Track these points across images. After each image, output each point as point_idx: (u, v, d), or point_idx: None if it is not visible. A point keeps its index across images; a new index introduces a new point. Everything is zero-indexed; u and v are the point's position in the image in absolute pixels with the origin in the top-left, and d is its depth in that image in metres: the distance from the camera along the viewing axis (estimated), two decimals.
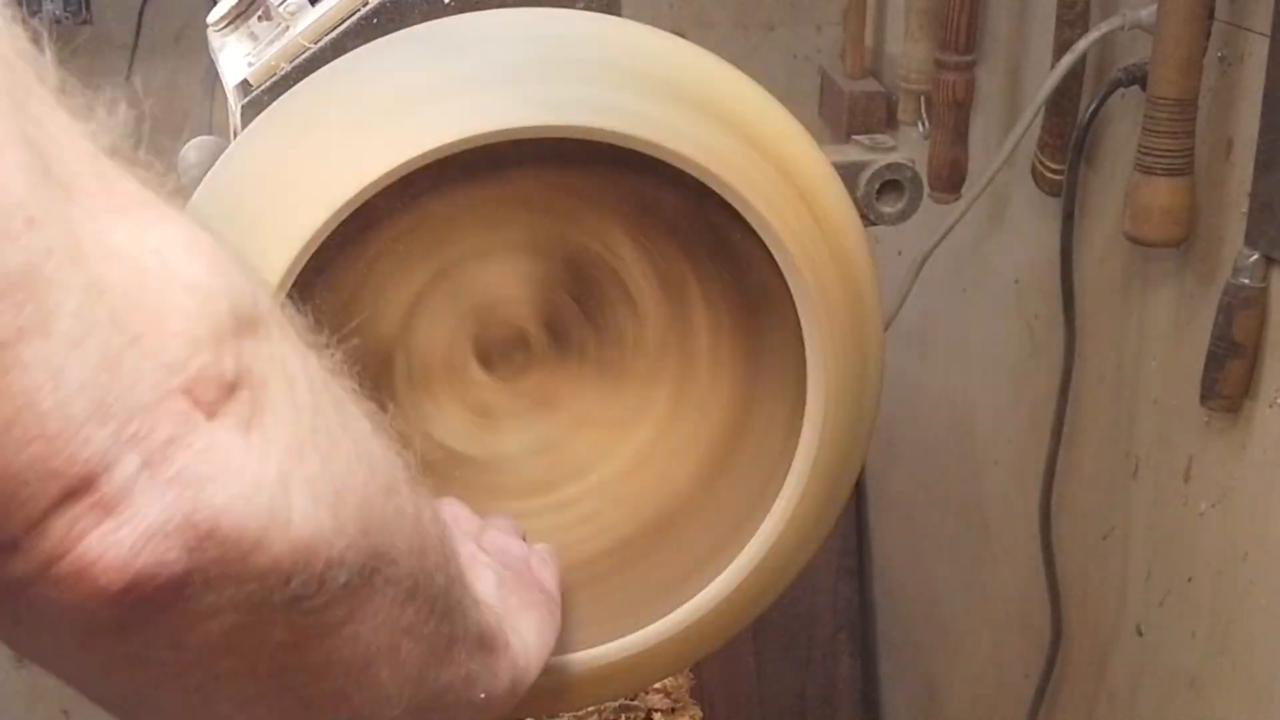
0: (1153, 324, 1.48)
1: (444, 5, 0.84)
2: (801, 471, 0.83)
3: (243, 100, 0.85)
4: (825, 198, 0.83)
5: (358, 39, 0.83)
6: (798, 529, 0.85)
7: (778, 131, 0.84)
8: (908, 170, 0.97)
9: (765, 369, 0.86)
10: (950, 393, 2.03)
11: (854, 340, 0.83)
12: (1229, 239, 1.32)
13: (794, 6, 2.21)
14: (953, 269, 1.92)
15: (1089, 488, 1.64)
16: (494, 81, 0.77)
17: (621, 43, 0.83)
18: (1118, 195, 1.46)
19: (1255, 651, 1.34)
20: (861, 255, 0.85)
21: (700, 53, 0.85)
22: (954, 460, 2.03)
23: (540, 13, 0.85)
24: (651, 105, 0.78)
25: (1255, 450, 1.31)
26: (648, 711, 1.09)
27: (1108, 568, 1.61)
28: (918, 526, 2.20)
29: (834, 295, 0.81)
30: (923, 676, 2.23)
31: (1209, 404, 1.33)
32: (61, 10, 2.05)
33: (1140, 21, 1.38)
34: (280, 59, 0.85)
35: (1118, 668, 1.61)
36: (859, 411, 0.85)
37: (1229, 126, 1.31)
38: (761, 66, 0.86)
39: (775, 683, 2.32)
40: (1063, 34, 1.50)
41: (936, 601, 2.14)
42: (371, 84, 0.79)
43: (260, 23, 0.95)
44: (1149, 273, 1.48)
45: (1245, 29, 1.27)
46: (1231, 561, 1.36)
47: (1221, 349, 1.29)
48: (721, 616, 0.87)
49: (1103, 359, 1.59)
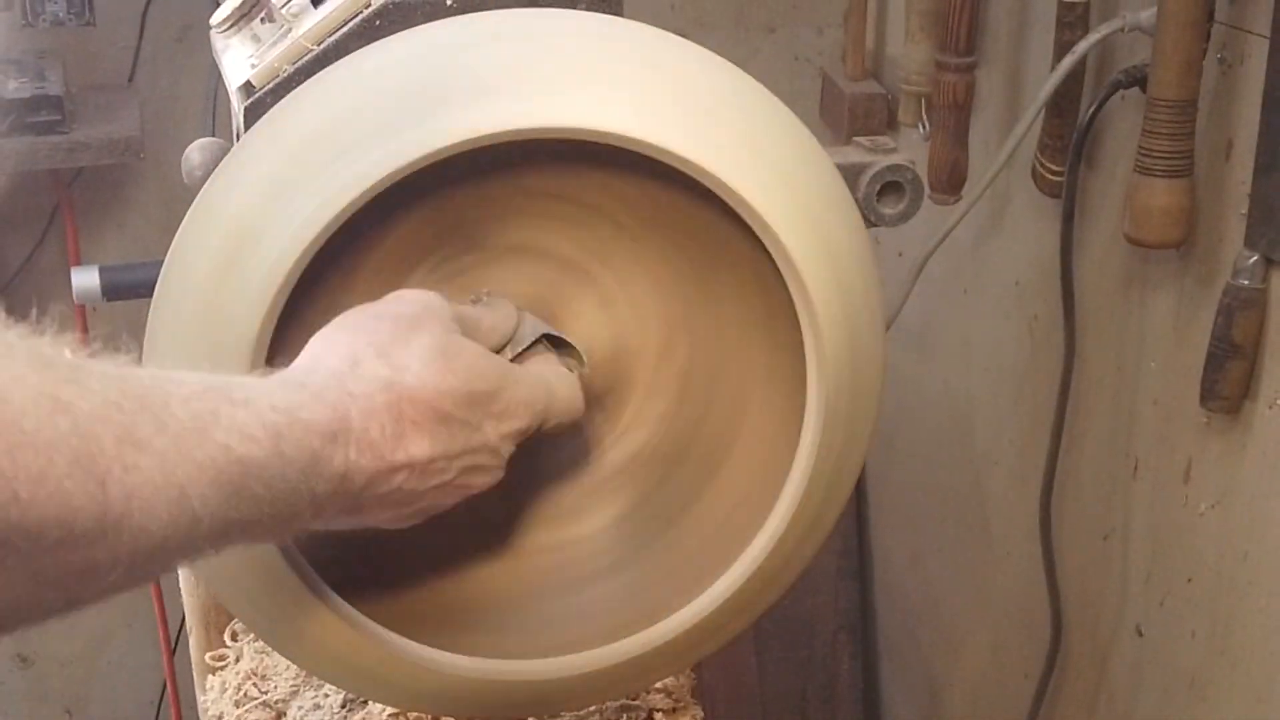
0: (1152, 325, 1.48)
1: (446, 6, 0.85)
2: (802, 472, 0.83)
3: (246, 102, 0.86)
4: (826, 199, 0.84)
5: (360, 41, 0.84)
6: (798, 530, 0.85)
7: (779, 132, 0.84)
8: (908, 172, 0.97)
9: (766, 370, 0.87)
10: (950, 393, 2.04)
11: (854, 342, 0.83)
12: (1229, 240, 1.32)
13: (795, 8, 2.22)
14: (953, 270, 1.92)
15: (1089, 488, 1.64)
16: (495, 82, 0.77)
17: (623, 43, 0.83)
18: (1118, 197, 1.46)
19: (1254, 651, 1.34)
20: (862, 256, 0.85)
21: (702, 53, 0.85)
22: (954, 461, 2.03)
23: (542, 13, 0.85)
24: (653, 106, 0.78)
25: (1255, 451, 1.32)
26: (649, 711, 1.10)
27: (1108, 568, 1.61)
28: (918, 527, 2.20)
29: (835, 296, 0.81)
30: (923, 676, 2.23)
31: (1209, 405, 1.33)
32: (65, 12, 2.06)
33: (1140, 24, 1.38)
34: (283, 61, 0.85)
35: (1117, 667, 1.61)
36: (859, 412, 0.86)
37: (1229, 128, 1.31)
38: (762, 68, 0.86)
39: (776, 683, 2.32)
40: (1063, 36, 1.50)
41: (937, 602, 2.15)
42: (374, 84, 0.80)
43: (263, 25, 0.95)
44: (1149, 274, 1.48)
45: (1245, 31, 1.27)
46: (1231, 562, 1.36)
47: (1221, 350, 1.29)
48: (723, 617, 0.87)
49: (1103, 360, 1.59)
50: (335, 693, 1.11)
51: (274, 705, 1.12)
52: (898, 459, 2.21)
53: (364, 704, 1.10)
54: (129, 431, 0.56)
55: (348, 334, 0.72)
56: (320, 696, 1.11)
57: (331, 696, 1.11)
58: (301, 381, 0.68)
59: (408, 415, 0.70)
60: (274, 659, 1.14)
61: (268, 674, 1.14)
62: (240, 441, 0.61)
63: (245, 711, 1.12)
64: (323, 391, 0.68)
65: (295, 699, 1.12)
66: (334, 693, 1.11)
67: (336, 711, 1.10)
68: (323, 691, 1.12)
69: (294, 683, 1.13)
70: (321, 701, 1.11)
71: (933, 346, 2.06)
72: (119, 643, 2.41)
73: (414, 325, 0.73)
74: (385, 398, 0.69)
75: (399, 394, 0.70)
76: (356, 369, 0.70)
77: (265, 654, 1.15)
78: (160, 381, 0.60)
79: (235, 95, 0.90)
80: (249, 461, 0.61)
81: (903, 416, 2.13)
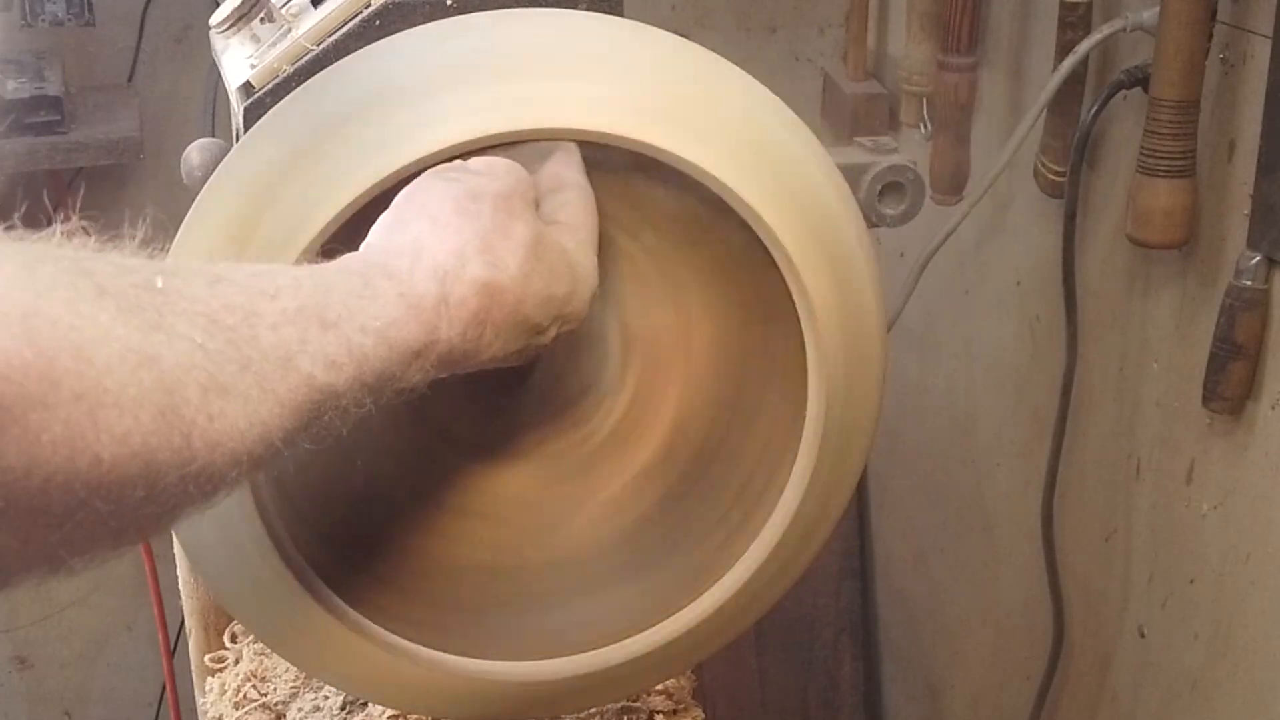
0: (1155, 326, 1.48)
1: (446, 6, 0.84)
2: (803, 473, 0.83)
3: (245, 102, 0.85)
4: (828, 200, 0.83)
5: (360, 41, 0.83)
6: (800, 531, 0.85)
7: (781, 133, 0.84)
8: (910, 172, 0.97)
9: (767, 370, 0.86)
10: (952, 394, 2.03)
11: (855, 342, 0.83)
12: (1231, 241, 1.32)
13: (796, 8, 2.22)
14: (955, 270, 1.92)
15: (1091, 489, 1.64)
16: (496, 82, 0.77)
17: (624, 44, 0.83)
18: (1120, 197, 1.46)
19: (1257, 653, 1.34)
20: (863, 257, 0.85)
21: (703, 53, 0.85)
22: (956, 462, 2.03)
23: (542, 13, 0.85)
24: (654, 106, 0.78)
25: (1257, 452, 1.31)
26: (650, 713, 1.09)
27: (1110, 569, 1.61)
28: (919, 528, 2.19)
29: (835, 297, 0.81)
30: (925, 678, 2.23)
31: (1211, 406, 1.33)
32: (64, 13, 2.06)
33: (1142, 23, 1.38)
34: (283, 61, 0.85)
35: (1119, 669, 1.61)
36: (860, 413, 0.85)
37: (1231, 128, 1.31)
38: (764, 68, 0.85)
39: (778, 684, 2.32)
40: (1065, 36, 1.50)
41: (938, 603, 2.14)
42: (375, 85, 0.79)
43: (263, 25, 0.95)
44: (1151, 274, 1.48)
45: (1247, 31, 1.27)
46: (1233, 563, 1.36)
47: (1224, 351, 1.29)
48: (724, 618, 0.87)
49: (1105, 361, 1.59)
50: (335, 694, 1.11)
51: (273, 707, 1.12)
52: (899, 460, 2.21)
53: (364, 706, 1.09)
54: (213, 377, 0.55)
55: (455, 215, 0.70)
56: (320, 698, 1.11)
57: (331, 698, 1.11)
58: (400, 288, 0.66)
59: (493, 318, 0.69)
60: (273, 661, 1.14)
61: (267, 676, 1.14)
62: (324, 370, 0.61)
63: (245, 713, 1.11)
64: (421, 300, 0.66)
65: (295, 701, 1.12)
66: (334, 694, 1.11)
67: (336, 713, 1.10)
68: (322, 693, 1.11)
69: (293, 685, 1.12)
70: (321, 703, 1.11)
71: (934, 347, 2.06)
72: (118, 644, 2.40)
73: (511, 211, 0.72)
74: (478, 303, 0.68)
75: (491, 298, 0.69)
76: (461, 269, 0.68)
77: (265, 656, 1.15)
78: (253, 298, 0.59)
79: (235, 95, 0.90)
80: (329, 390, 0.61)
81: (904, 417, 2.13)
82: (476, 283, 0.68)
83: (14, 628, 2.31)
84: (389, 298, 0.66)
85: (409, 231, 0.70)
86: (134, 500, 0.52)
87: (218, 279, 0.59)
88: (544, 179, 0.77)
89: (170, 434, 0.53)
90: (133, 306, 0.53)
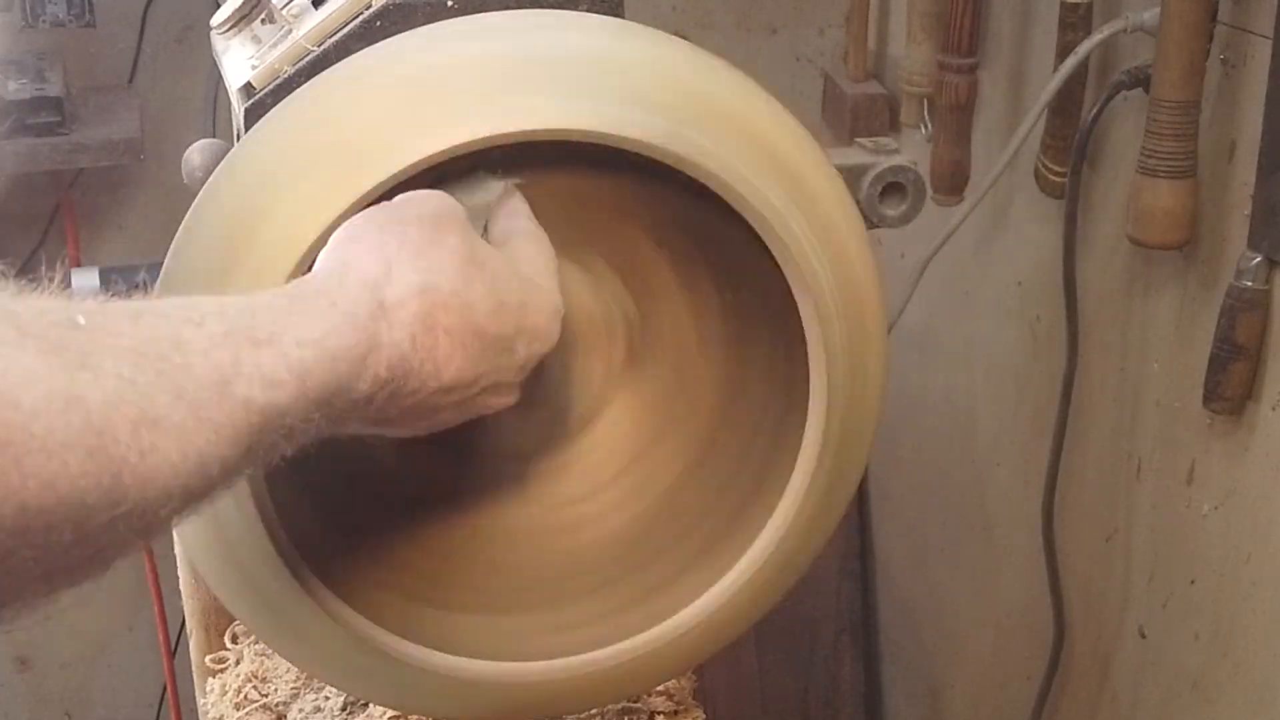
0: (1155, 326, 1.48)
1: (447, 8, 0.84)
2: (804, 474, 0.83)
3: (246, 103, 0.85)
4: (828, 201, 0.83)
5: (361, 42, 0.83)
6: (800, 531, 0.85)
7: (781, 134, 0.83)
8: (910, 173, 0.97)
9: (768, 371, 0.86)
10: (953, 395, 2.03)
11: (856, 343, 0.83)
12: (1232, 241, 1.32)
13: (797, 9, 2.21)
14: (955, 271, 1.92)
15: (1091, 490, 1.64)
16: (495, 83, 0.77)
17: (623, 44, 0.83)
18: (1120, 198, 1.46)
19: (1258, 653, 1.34)
20: (864, 258, 0.85)
21: (703, 55, 0.85)
22: (956, 462, 2.03)
23: (542, 14, 0.85)
24: (654, 107, 0.78)
25: (1258, 452, 1.31)
26: (650, 713, 1.09)
27: (1110, 570, 1.61)
28: (920, 529, 2.20)
29: (836, 298, 0.81)
30: (925, 678, 2.23)
31: (1212, 406, 1.33)
32: (65, 13, 2.06)
33: (1143, 24, 1.38)
34: (283, 62, 0.85)
35: (1120, 670, 1.61)
36: (861, 413, 0.85)
37: (1232, 129, 1.31)
38: (764, 69, 0.86)
39: (778, 685, 2.32)
40: (1065, 36, 1.50)
41: (939, 603, 2.14)
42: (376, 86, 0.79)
43: (263, 26, 0.95)
44: (1151, 275, 1.48)
45: (1248, 31, 1.27)
46: (1234, 564, 1.36)
47: (1224, 351, 1.29)
48: (724, 619, 0.87)
49: (1105, 361, 1.59)
50: (336, 695, 1.11)
51: (274, 708, 1.12)
52: (900, 460, 2.21)
53: (364, 706, 1.09)
54: (144, 412, 0.54)
55: (377, 234, 0.69)
56: (320, 699, 1.11)
57: (332, 699, 1.11)
58: (332, 299, 0.65)
59: (442, 324, 0.68)
60: (274, 661, 1.14)
61: (268, 676, 1.14)
62: (263, 390, 0.59)
63: (245, 714, 1.11)
64: (354, 307, 0.65)
65: (296, 701, 1.12)
66: (334, 695, 1.11)
67: (337, 714, 1.10)
68: (323, 694, 1.11)
69: (294, 685, 1.13)
70: (322, 704, 1.11)
71: (935, 347, 2.06)
72: (119, 645, 2.40)
73: (440, 227, 0.71)
74: (419, 305, 0.67)
75: (433, 300, 0.68)
76: (390, 274, 0.67)
77: (266, 656, 1.15)
78: (178, 327, 0.58)
79: (236, 96, 0.90)
80: (270, 410, 0.59)
81: (905, 418, 2.13)
82: (411, 286, 0.67)
83: (14, 628, 2.31)
84: (321, 308, 0.65)
85: (334, 258, 0.69)
86: (62, 544, 0.51)
87: (140, 313, 0.57)
88: (494, 235, 0.77)
89: (100, 475, 0.52)
90: (56, 346, 0.52)
